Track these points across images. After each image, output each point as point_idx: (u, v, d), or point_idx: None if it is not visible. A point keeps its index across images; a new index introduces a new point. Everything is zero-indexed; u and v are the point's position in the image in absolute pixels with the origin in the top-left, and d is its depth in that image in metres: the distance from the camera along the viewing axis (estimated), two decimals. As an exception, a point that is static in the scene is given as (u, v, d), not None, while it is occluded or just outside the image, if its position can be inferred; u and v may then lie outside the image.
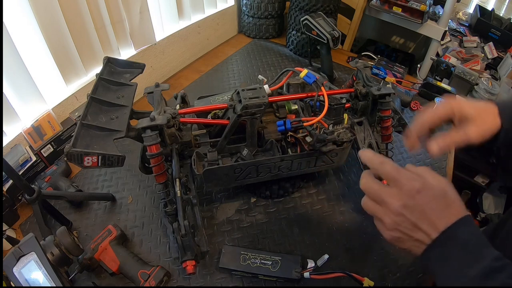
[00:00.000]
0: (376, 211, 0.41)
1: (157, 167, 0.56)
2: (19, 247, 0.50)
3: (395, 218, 0.38)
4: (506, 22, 1.72)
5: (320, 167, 0.68)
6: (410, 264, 0.63)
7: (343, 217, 0.71)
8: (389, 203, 0.39)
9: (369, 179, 0.42)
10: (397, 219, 0.38)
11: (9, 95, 0.73)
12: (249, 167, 0.63)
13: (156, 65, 1.10)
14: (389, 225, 0.39)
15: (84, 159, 0.50)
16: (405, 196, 0.38)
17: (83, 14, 0.81)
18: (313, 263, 0.61)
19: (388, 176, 0.40)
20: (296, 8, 1.17)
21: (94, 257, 0.59)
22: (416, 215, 0.37)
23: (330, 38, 0.96)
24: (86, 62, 0.87)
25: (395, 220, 0.39)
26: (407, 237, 0.39)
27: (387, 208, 0.39)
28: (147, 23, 0.99)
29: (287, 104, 0.70)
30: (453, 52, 1.53)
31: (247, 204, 0.74)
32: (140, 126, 0.54)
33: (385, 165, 0.41)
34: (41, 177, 0.75)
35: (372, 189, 0.41)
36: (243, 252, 0.62)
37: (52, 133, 0.80)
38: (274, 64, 1.22)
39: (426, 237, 0.37)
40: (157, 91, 0.64)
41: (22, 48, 0.71)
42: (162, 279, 0.58)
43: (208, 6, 1.23)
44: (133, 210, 0.72)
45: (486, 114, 0.50)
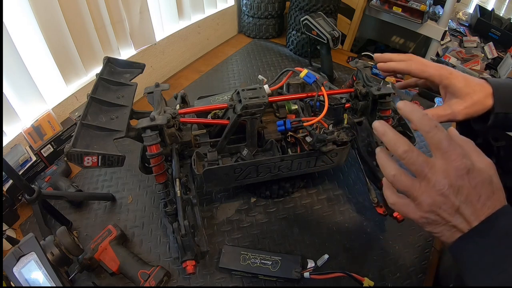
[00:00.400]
0: (412, 188, 0.35)
1: (157, 167, 0.56)
2: (19, 247, 0.50)
3: (436, 197, 0.33)
4: (506, 22, 1.72)
5: (320, 167, 0.68)
6: (410, 264, 0.63)
7: (343, 217, 0.71)
8: (433, 180, 0.33)
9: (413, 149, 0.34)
10: (439, 199, 0.33)
11: (9, 95, 0.73)
12: (249, 167, 0.63)
13: (156, 65, 1.10)
14: (426, 206, 0.34)
15: (84, 159, 0.50)
16: (454, 174, 0.33)
17: (83, 14, 0.81)
18: (313, 263, 0.61)
19: (439, 145, 0.34)
20: (296, 8, 1.17)
21: (94, 257, 0.59)
22: (461, 199, 0.32)
23: (330, 38, 0.96)
24: (86, 62, 0.87)
25: (435, 201, 0.33)
26: (443, 221, 0.34)
27: (429, 185, 0.33)
28: (147, 23, 0.99)
29: (287, 104, 0.70)
30: (453, 52, 1.53)
31: (247, 204, 0.74)
32: (140, 126, 0.54)
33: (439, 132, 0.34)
34: (41, 177, 0.75)
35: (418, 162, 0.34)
36: (243, 252, 0.62)
37: (52, 133, 0.80)
38: (274, 64, 1.22)
39: (466, 224, 0.33)
40: (157, 91, 0.64)
41: (22, 48, 0.71)
42: (162, 279, 0.58)
43: (208, 6, 1.23)
44: (133, 210, 0.72)
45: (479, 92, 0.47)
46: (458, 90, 0.47)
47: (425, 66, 0.49)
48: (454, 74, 0.48)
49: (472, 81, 0.48)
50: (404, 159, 0.35)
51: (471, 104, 0.46)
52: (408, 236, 0.68)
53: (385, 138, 0.36)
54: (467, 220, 0.33)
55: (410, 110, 0.36)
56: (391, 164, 0.37)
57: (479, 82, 0.48)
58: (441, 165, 0.33)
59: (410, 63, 0.50)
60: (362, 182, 0.77)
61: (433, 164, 0.34)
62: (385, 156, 0.38)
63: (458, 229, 0.33)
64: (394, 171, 0.36)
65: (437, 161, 0.34)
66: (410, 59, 0.51)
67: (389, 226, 0.69)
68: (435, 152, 0.34)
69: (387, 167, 0.37)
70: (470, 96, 0.47)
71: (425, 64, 0.49)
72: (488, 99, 0.47)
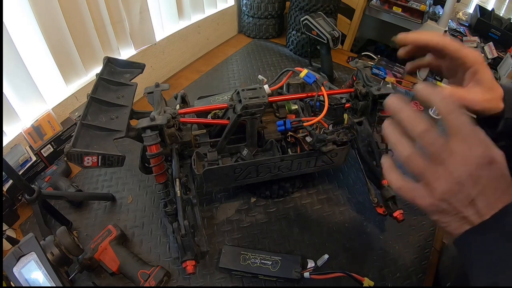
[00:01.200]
0: (428, 172, 0.32)
1: (157, 167, 0.56)
2: (19, 247, 0.50)
3: (453, 186, 0.30)
4: (506, 22, 1.72)
5: (320, 167, 0.68)
6: (410, 264, 0.63)
7: (343, 217, 0.71)
8: (451, 166, 0.30)
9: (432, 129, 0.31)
10: (455, 188, 0.30)
11: (9, 95, 0.73)
12: (249, 167, 0.63)
13: (156, 65, 1.10)
14: (440, 193, 0.31)
15: (84, 159, 0.50)
16: (474, 162, 0.30)
17: (83, 14, 0.81)
18: (313, 263, 0.61)
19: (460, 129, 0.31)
20: (296, 8, 1.17)
21: (94, 257, 0.59)
22: (478, 189, 0.30)
23: (330, 38, 0.96)
24: (86, 62, 0.87)
25: (451, 189, 0.31)
26: (454, 211, 0.31)
27: (447, 171, 0.31)
28: (147, 23, 0.99)
29: (287, 104, 0.70)
30: (453, 52, 1.52)
31: (247, 204, 0.74)
32: (140, 126, 0.54)
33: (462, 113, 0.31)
34: (41, 177, 0.75)
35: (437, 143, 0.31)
36: (243, 252, 0.62)
37: (52, 133, 0.80)
38: (274, 64, 1.22)
39: (477, 217, 0.31)
40: (157, 91, 0.64)
41: (22, 48, 0.71)
42: (162, 279, 0.58)
43: (208, 6, 1.23)
44: (133, 210, 0.72)
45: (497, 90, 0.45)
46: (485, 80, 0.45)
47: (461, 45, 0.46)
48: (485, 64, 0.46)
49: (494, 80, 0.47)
50: (423, 138, 0.31)
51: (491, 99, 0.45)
52: (408, 236, 0.68)
53: (402, 114, 0.32)
54: (480, 212, 0.31)
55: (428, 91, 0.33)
56: (405, 142, 0.33)
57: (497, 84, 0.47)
58: (462, 151, 0.30)
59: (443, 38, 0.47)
60: (362, 182, 0.77)
61: (453, 149, 0.31)
62: (398, 133, 0.33)
63: (468, 221, 0.31)
64: (409, 150, 0.32)
65: (457, 146, 0.31)
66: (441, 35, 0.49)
67: (389, 226, 0.69)
68: (455, 136, 0.31)
69: (401, 145, 0.33)
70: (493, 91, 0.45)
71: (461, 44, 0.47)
72: (500, 102, 0.46)
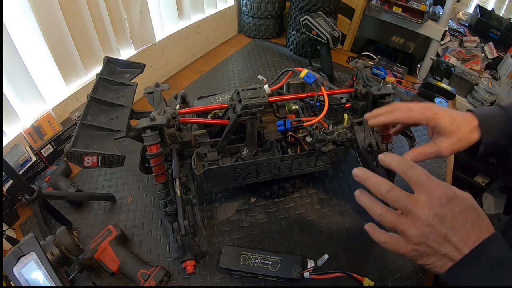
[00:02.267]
0: (399, 223, 0.36)
1: (157, 167, 0.56)
2: (19, 247, 0.50)
3: (423, 229, 0.34)
4: (506, 22, 1.72)
5: (320, 167, 0.68)
6: (410, 264, 0.63)
7: (343, 217, 0.71)
8: (418, 213, 0.34)
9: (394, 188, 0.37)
10: (426, 230, 0.34)
11: (9, 95, 0.73)
12: (249, 167, 0.63)
13: (156, 65, 1.10)
14: (414, 238, 0.35)
15: (84, 159, 0.50)
16: (437, 203, 0.34)
17: (83, 14, 0.81)
18: (313, 263, 0.61)
19: (419, 181, 0.36)
20: (296, 8, 1.17)
21: (94, 257, 0.59)
22: (448, 226, 0.34)
23: (330, 38, 0.96)
24: (86, 62, 0.87)
25: (423, 232, 0.34)
26: (433, 251, 0.35)
27: (415, 219, 0.35)
28: (147, 23, 0.99)
29: (287, 104, 0.70)
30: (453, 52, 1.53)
31: (247, 204, 0.74)
32: (140, 126, 0.54)
33: (416, 169, 0.37)
34: (41, 177, 0.75)
35: (401, 198, 0.36)
36: (243, 252, 0.62)
37: (52, 133, 0.80)
38: (274, 64, 1.22)
39: (456, 252, 0.34)
40: (157, 91, 0.64)
41: (22, 48, 0.71)
42: (162, 279, 0.58)
43: (208, 6, 1.23)
44: (133, 210, 0.72)
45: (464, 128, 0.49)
46: (443, 129, 0.49)
47: (410, 113, 0.51)
48: (439, 114, 0.50)
49: (458, 117, 0.50)
50: (388, 198, 0.37)
51: (456, 141, 0.49)
52: (408, 236, 0.68)
53: (368, 182, 0.39)
54: (456, 247, 0.34)
55: (388, 158, 0.39)
56: (376, 204, 0.38)
57: (465, 117, 0.50)
58: (424, 198, 0.35)
59: (395, 114, 0.52)
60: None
61: (416, 198, 0.36)
62: (369, 198, 0.39)
63: (448, 257, 0.34)
64: (380, 210, 0.38)
65: (419, 196, 0.36)
66: (395, 108, 0.53)
67: (389, 226, 0.69)
68: (416, 188, 0.36)
69: (373, 207, 0.38)
70: (455, 133, 0.49)
71: (410, 110, 0.52)
72: (473, 134, 0.49)
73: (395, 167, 0.39)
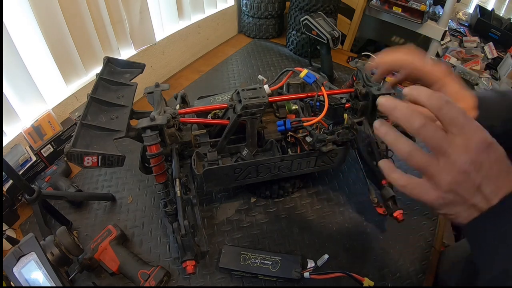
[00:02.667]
0: (430, 165, 0.32)
1: (157, 167, 0.56)
2: (19, 247, 0.50)
3: (457, 175, 0.31)
4: (506, 22, 1.72)
5: (320, 167, 0.68)
6: (410, 264, 0.63)
7: (343, 217, 0.71)
8: (454, 156, 0.30)
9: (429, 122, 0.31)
10: (460, 177, 0.31)
11: (9, 95, 0.73)
12: (249, 167, 0.63)
13: (156, 65, 1.10)
14: (446, 185, 0.31)
15: (84, 159, 0.50)
16: (474, 148, 0.30)
17: (83, 14, 0.81)
18: (313, 263, 0.61)
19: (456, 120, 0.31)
20: (296, 8, 1.17)
21: (94, 257, 0.59)
22: (483, 175, 0.30)
23: (330, 38, 0.96)
24: (86, 62, 0.87)
25: (456, 179, 0.31)
26: (461, 201, 0.31)
27: (449, 163, 0.31)
28: (147, 23, 0.99)
29: (287, 104, 0.70)
30: (453, 52, 1.53)
31: (247, 204, 0.74)
32: (140, 126, 0.54)
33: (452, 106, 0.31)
34: (41, 177, 0.75)
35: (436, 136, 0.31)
36: (243, 252, 0.62)
37: (52, 133, 0.80)
38: (274, 64, 1.22)
39: (485, 202, 0.31)
40: (157, 91, 0.64)
41: (22, 48, 0.71)
42: (162, 279, 0.58)
43: (208, 6, 1.23)
44: (133, 210, 0.72)
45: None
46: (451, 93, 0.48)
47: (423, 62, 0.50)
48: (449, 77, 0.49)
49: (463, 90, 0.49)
50: (421, 134, 0.32)
51: None
52: (408, 236, 0.68)
53: (397, 112, 0.33)
54: (487, 198, 0.31)
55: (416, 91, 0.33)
56: (403, 139, 0.33)
57: (468, 93, 0.50)
58: (461, 140, 0.31)
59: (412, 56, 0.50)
60: (362, 182, 0.77)
61: (452, 139, 0.31)
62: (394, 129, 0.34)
63: (477, 208, 0.31)
64: (409, 147, 0.33)
65: (456, 138, 0.31)
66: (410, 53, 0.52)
67: (389, 226, 0.69)
68: (451, 128, 0.31)
69: (400, 142, 0.33)
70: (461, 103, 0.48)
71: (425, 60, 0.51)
72: (472, 111, 0.48)
73: (426, 102, 0.32)
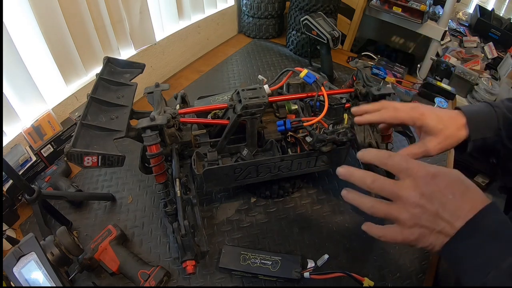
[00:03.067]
0: (390, 211, 0.37)
1: (157, 167, 0.56)
2: (19, 247, 0.50)
3: (413, 210, 0.35)
4: (506, 22, 1.72)
5: (320, 167, 0.68)
6: (410, 264, 0.63)
7: (343, 217, 0.71)
8: (405, 196, 0.35)
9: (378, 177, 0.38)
10: (416, 211, 0.35)
11: (9, 95, 0.73)
12: (249, 167, 0.63)
13: (156, 65, 1.10)
14: (408, 221, 0.35)
15: (84, 159, 0.50)
16: (421, 183, 0.35)
17: (83, 14, 0.81)
18: (313, 263, 0.61)
19: (399, 167, 0.37)
20: (296, 8, 1.17)
21: (94, 257, 0.59)
22: (437, 203, 0.34)
23: (330, 38, 0.96)
24: (86, 62, 0.87)
25: (414, 214, 0.35)
26: (428, 231, 0.35)
27: (403, 203, 0.36)
28: (147, 23, 0.99)
29: (287, 104, 0.70)
30: (453, 52, 1.53)
31: (247, 204, 0.74)
32: (140, 126, 0.54)
33: (394, 157, 0.38)
34: (41, 177, 0.75)
35: (386, 186, 0.37)
36: (243, 252, 0.62)
37: (52, 133, 0.80)
38: (274, 64, 1.22)
39: (449, 227, 0.34)
40: (157, 91, 0.64)
41: (22, 48, 0.71)
42: (162, 279, 0.58)
43: (208, 6, 1.23)
44: (133, 210, 0.72)
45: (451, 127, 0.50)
46: (430, 128, 0.50)
47: (396, 113, 0.52)
48: (425, 115, 0.50)
49: (444, 116, 0.51)
50: (374, 188, 0.38)
51: (444, 139, 0.49)
52: (408, 236, 0.68)
53: (353, 178, 0.40)
54: (449, 222, 0.34)
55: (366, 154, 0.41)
56: (364, 198, 0.39)
57: (451, 115, 0.51)
58: (408, 181, 0.36)
59: (382, 113, 0.53)
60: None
61: (401, 183, 0.36)
62: (356, 194, 0.40)
63: (444, 234, 0.34)
64: (370, 202, 0.38)
65: (404, 181, 0.36)
66: (383, 107, 0.54)
67: (389, 226, 0.69)
68: (399, 174, 0.37)
69: (363, 201, 0.39)
70: (443, 132, 0.49)
71: (397, 109, 0.52)
72: (461, 131, 0.50)
73: (374, 160, 0.40)
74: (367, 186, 0.39)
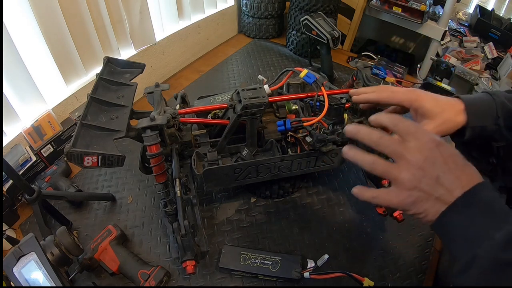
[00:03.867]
0: (391, 169, 0.37)
1: (157, 167, 0.56)
2: (19, 247, 0.50)
3: (415, 172, 0.35)
4: (506, 22, 1.72)
5: (320, 167, 0.68)
6: (410, 264, 0.63)
7: (343, 217, 0.71)
8: (409, 156, 0.35)
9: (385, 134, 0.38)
10: (418, 173, 0.35)
11: (9, 95, 0.73)
12: (249, 167, 0.63)
13: (156, 65, 1.10)
14: (407, 183, 0.35)
15: (84, 159, 0.50)
16: (426, 148, 0.35)
17: (83, 14, 0.81)
18: (313, 263, 0.61)
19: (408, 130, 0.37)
20: (296, 8, 1.17)
21: (94, 257, 0.59)
22: (439, 168, 0.34)
23: (330, 38, 0.96)
24: (86, 62, 0.87)
25: (415, 175, 0.35)
26: (426, 196, 0.35)
27: (406, 163, 0.36)
28: (147, 23, 0.99)
29: (287, 104, 0.70)
30: (453, 52, 1.53)
31: (247, 204, 0.74)
32: (140, 126, 0.54)
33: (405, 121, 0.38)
34: (41, 177, 0.75)
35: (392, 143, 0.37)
36: (243, 252, 0.62)
37: (52, 133, 0.80)
38: (274, 64, 1.22)
39: (449, 194, 0.34)
40: (157, 91, 0.64)
41: (22, 48, 0.71)
42: (162, 279, 0.58)
43: (208, 6, 1.23)
44: (133, 210, 0.72)
45: (449, 111, 0.49)
46: (427, 111, 0.49)
47: (393, 93, 0.52)
48: (422, 96, 0.50)
49: (441, 100, 0.50)
50: (380, 144, 0.38)
51: (441, 123, 0.49)
52: (408, 236, 0.68)
53: (359, 134, 0.40)
54: (449, 189, 0.34)
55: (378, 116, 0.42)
56: (366, 154, 0.39)
57: (449, 101, 0.50)
58: (414, 143, 0.36)
59: (380, 93, 0.53)
60: (362, 182, 0.77)
61: (407, 144, 0.36)
62: (358, 150, 0.40)
63: (441, 201, 0.34)
64: (372, 159, 0.38)
65: (410, 142, 0.36)
66: (380, 89, 0.54)
67: (389, 226, 0.69)
68: (406, 137, 0.37)
69: (364, 158, 0.39)
70: (440, 115, 0.49)
71: (394, 91, 0.52)
72: (459, 116, 0.49)
73: (386, 122, 0.40)
74: (373, 142, 0.38)
